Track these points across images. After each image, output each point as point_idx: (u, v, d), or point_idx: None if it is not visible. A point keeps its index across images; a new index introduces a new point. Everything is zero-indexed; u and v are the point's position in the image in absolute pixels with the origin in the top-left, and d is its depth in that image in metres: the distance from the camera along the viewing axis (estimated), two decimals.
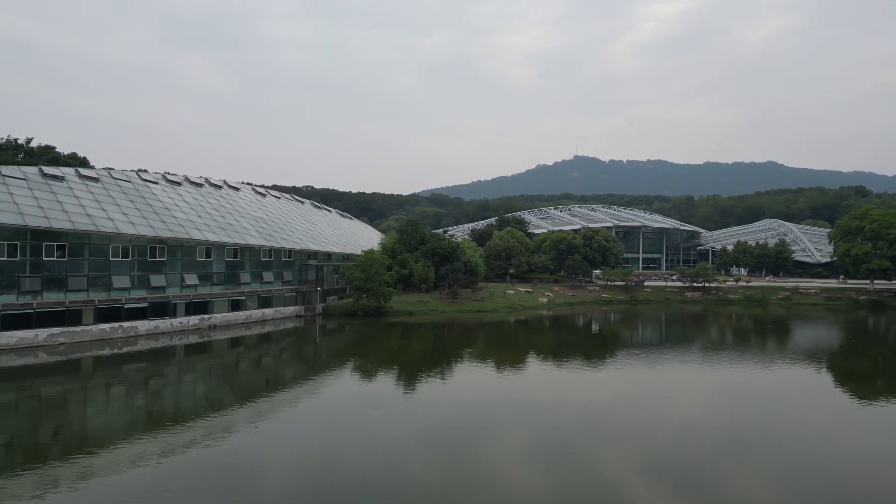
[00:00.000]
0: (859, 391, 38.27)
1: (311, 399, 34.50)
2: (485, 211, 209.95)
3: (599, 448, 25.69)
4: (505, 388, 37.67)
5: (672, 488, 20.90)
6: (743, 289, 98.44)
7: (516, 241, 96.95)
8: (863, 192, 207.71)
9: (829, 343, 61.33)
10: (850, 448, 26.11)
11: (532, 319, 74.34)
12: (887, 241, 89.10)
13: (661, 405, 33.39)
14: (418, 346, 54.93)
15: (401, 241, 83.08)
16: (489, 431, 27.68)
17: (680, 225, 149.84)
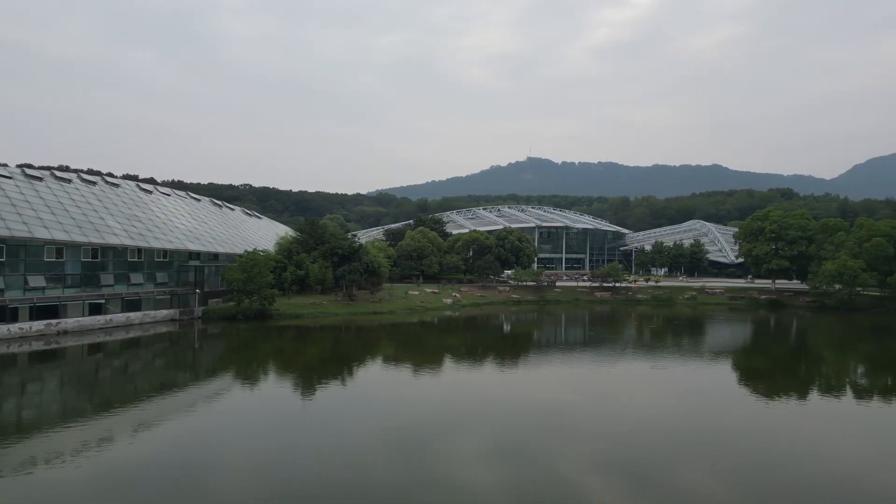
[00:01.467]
0: (772, 389, 39.74)
1: (156, 413, 31.75)
2: (423, 211, 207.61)
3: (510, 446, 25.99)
4: (368, 393, 36.28)
5: (626, 484, 21.74)
6: (652, 289, 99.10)
7: (428, 241, 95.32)
8: (788, 194, 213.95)
9: (725, 342, 62.13)
10: (782, 440, 27.75)
11: (431, 321, 72.84)
12: (786, 242, 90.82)
13: (568, 402, 34.19)
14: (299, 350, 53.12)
15: (298, 240, 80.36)
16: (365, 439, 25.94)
17: (603, 225, 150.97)
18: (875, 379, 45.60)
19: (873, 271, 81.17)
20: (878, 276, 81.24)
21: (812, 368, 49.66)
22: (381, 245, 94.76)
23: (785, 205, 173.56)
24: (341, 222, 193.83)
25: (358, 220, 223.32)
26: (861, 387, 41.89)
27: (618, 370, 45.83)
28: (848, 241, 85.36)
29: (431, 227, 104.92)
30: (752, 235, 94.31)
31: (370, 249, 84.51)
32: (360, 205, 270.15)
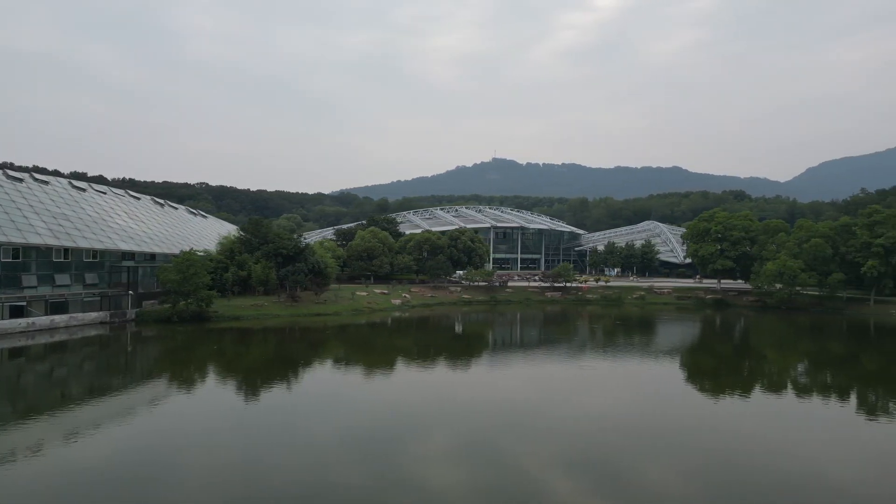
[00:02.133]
0: (720, 387, 40.95)
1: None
2: (384, 211, 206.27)
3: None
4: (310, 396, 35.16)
5: (592, 482, 22.27)
6: (602, 289, 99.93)
7: (378, 241, 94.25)
8: (741, 196, 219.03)
9: (673, 342, 62.98)
10: (732, 435, 28.90)
11: (380, 322, 72.00)
12: (730, 243, 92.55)
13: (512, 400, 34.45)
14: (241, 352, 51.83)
15: (241, 240, 78.43)
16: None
17: (559, 226, 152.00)
18: (814, 376, 47.08)
19: (812, 271, 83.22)
20: (817, 276, 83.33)
21: (756, 366, 50.81)
22: (329, 245, 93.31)
23: (737, 206, 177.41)
24: (298, 222, 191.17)
25: (317, 220, 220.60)
26: (801, 384, 43.30)
27: (571, 370, 46.13)
28: (788, 242, 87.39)
29: (384, 227, 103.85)
30: (699, 236, 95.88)
31: (317, 249, 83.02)
32: (321, 204, 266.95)
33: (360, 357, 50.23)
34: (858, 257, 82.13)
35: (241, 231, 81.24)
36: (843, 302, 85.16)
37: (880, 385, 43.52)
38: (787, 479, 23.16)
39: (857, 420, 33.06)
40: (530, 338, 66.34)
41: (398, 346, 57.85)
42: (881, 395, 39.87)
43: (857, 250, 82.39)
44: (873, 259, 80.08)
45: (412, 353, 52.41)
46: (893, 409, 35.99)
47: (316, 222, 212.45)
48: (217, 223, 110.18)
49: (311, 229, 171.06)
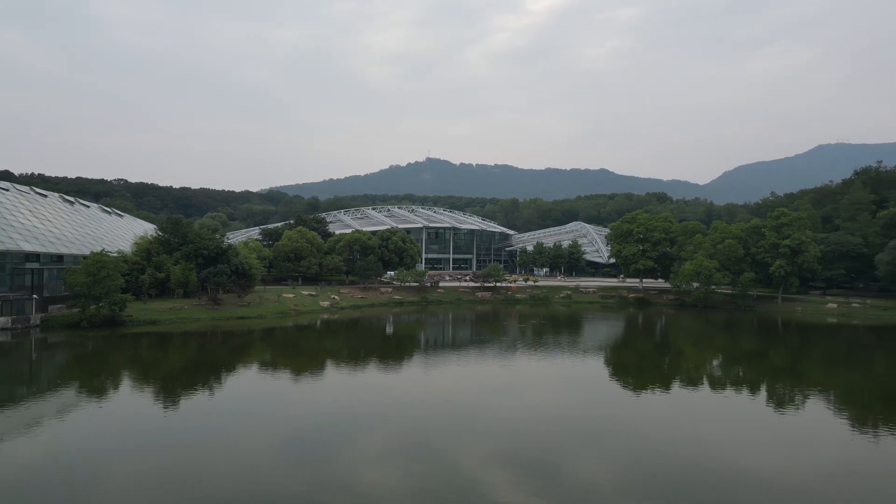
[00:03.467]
0: (642, 381, 43.26)
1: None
2: (314, 210, 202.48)
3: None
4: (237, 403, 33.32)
5: (527, 476, 22.88)
6: (530, 288, 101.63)
7: (306, 241, 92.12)
8: (663, 198, 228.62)
9: (598, 339, 64.35)
10: (656, 427, 30.51)
11: (307, 324, 70.32)
12: (652, 243, 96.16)
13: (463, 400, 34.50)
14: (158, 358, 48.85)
15: (159, 240, 74.74)
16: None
17: (490, 226, 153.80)
18: (728, 371, 49.69)
19: (726, 271, 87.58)
20: (731, 275, 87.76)
21: (675, 363, 53.39)
22: (255, 245, 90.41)
23: (659, 208, 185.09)
24: (224, 221, 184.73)
25: (244, 219, 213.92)
26: (717, 378, 45.79)
27: (503, 368, 46.92)
28: (704, 243, 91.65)
29: (312, 226, 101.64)
30: (622, 237, 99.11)
31: (241, 250, 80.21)
32: (248, 202, 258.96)
33: (287, 361, 48.96)
34: (767, 257, 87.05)
35: (159, 231, 77.41)
36: (754, 300, 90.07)
37: (787, 378, 46.39)
38: (708, 468, 24.58)
39: (767, 411, 35.20)
40: (462, 338, 66.62)
41: (327, 348, 56.80)
42: (788, 388, 42.54)
43: (766, 251, 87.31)
44: (780, 259, 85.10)
45: (342, 356, 51.59)
46: (799, 401, 38.31)
47: (243, 221, 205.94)
48: (134, 222, 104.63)
49: (237, 229, 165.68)
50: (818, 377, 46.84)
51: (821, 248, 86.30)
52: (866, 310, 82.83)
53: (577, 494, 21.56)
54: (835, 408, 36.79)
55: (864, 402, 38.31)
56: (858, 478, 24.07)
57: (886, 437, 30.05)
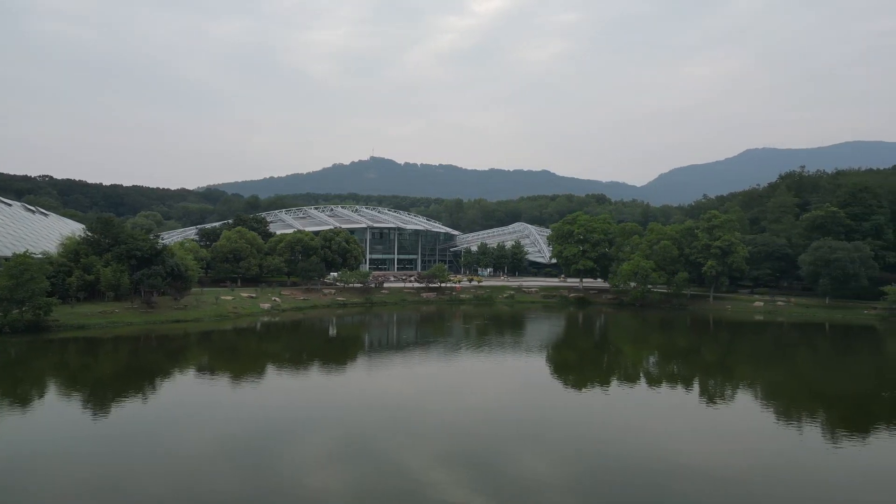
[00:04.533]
0: (582, 378, 44.75)
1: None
2: (254, 209, 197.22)
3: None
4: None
5: (471, 473, 23.30)
6: (474, 288, 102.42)
7: (246, 241, 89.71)
8: (602, 199, 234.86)
9: (540, 338, 65.44)
10: (594, 423, 31.89)
11: (248, 327, 68.55)
12: (591, 244, 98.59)
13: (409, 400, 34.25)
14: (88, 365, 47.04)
15: (88, 241, 71.20)
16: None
17: (435, 227, 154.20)
18: (664, 367, 51.82)
19: (662, 271, 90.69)
20: (666, 275, 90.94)
21: (614, 360, 55.26)
22: (192, 246, 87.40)
23: (599, 209, 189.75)
24: (158, 220, 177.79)
25: (180, 218, 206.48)
26: (653, 374, 47.72)
27: (448, 368, 47.34)
28: (641, 244, 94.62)
29: (252, 226, 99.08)
30: (563, 238, 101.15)
31: (177, 251, 77.34)
32: (185, 201, 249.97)
33: (226, 365, 47.70)
34: (700, 258, 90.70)
35: (88, 231, 73.74)
36: (688, 299, 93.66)
37: (718, 374, 48.59)
38: (646, 459, 25.60)
39: (700, 404, 36.91)
40: (406, 339, 66.71)
41: (268, 351, 55.69)
42: (718, 383, 44.59)
43: (698, 251, 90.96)
44: (712, 259, 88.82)
45: (284, 359, 50.75)
46: (729, 395, 40.23)
47: (179, 221, 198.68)
48: (60, 221, 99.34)
49: (172, 228, 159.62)
50: (746, 372, 49.14)
51: (749, 249, 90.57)
52: (790, 307, 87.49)
53: (522, 490, 21.97)
54: (762, 401, 38.76)
55: (788, 395, 40.47)
56: (784, 467, 25.39)
57: (809, 428, 31.87)
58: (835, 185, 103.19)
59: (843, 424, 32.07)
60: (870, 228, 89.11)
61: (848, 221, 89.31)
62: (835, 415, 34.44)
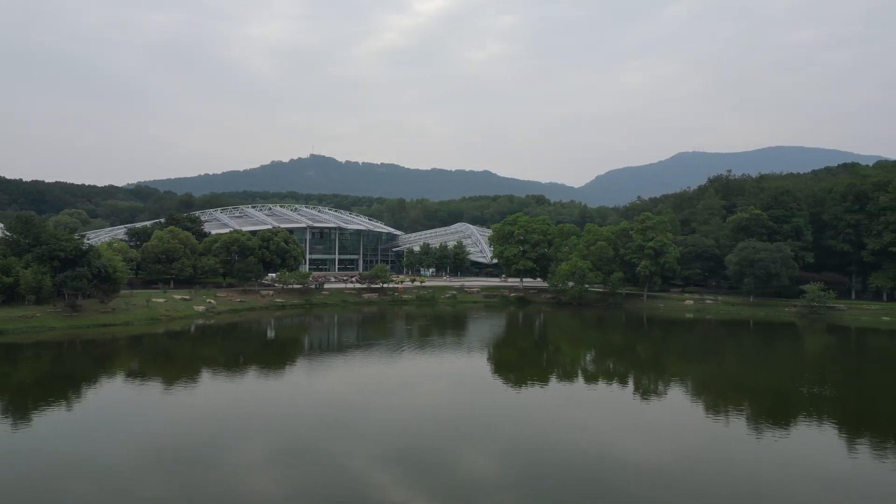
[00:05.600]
0: (522, 376, 45.30)
1: None
2: (188, 207, 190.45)
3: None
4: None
5: (414, 473, 23.41)
6: (417, 289, 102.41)
7: (179, 241, 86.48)
8: (542, 200, 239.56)
9: (481, 337, 65.70)
10: (535, 420, 32.55)
11: (181, 331, 66.21)
12: (531, 245, 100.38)
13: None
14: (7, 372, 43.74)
15: (6, 241, 67.02)
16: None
17: (377, 227, 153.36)
18: (600, 364, 53.66)
19: (598, 270, 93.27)
20: (602, 274, 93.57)
21: (552, 357, 56.61)
22: (120, 246, 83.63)
23: (538, 210, 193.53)
24: (84, 219, 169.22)
25: (108, 217, 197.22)
26: (589, 371, 49.40)
27: (390, 368, 47.15)
28: (579, 245, 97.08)
29: (186, 226, 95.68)
30: (504, 238, 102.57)
31: (104, 251, 73.78)
32: (113, 198, 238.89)
33: (158, 370, 45.97)
34: (634, 258, 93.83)
35: (6, 230, 69.45)
36: (623, 298, 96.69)
37: (651, 370, 50.42)
38: (583, 454, 26.55)
39: (634, 400, 38.29)
40: (348, 340, 66.18)
41: (203, 355, 54.06)
42: (652, 379, 46.31)
43: (633, 252, 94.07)
44: (646, 259, 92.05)
45: (219, 363, 49.36)
46: (661, 390, 41.85)
47: (106, 219, 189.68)
48: None
49: (100, 227, 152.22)
50: (677, 368, 51.25)
51: (680, 250, 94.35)
52: (718, 306, 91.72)
53: (464, 488, 22.25)
54: (692, 395, 40.51)
55: (716, 389, 42.40)
56: (712, 458, 26.72)
57: (735, 420, 33.52)
58: (758, 189, 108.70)
59: (766, 416, 33.90)
60: (790, 230, 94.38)
61: (770, 224, 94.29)
62: (758, 407, 36.32)
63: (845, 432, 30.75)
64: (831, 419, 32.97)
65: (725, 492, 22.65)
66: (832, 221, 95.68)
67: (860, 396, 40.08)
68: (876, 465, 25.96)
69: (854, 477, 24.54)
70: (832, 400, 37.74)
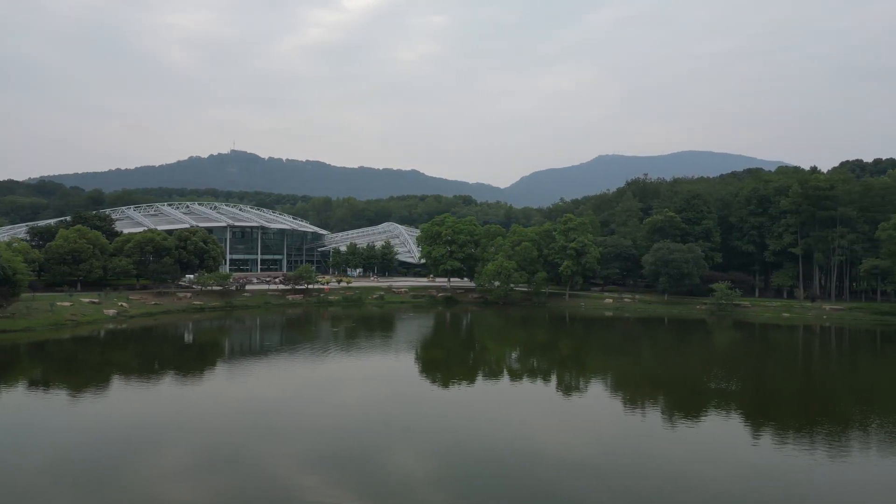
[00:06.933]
0: (449, 375, 45.42)
1: None
2: (98, 204, 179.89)
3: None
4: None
5: (341, 476, 22.77)
6: (343, 290, 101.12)
7: (87, 241, 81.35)
8: (469, 200, 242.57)
9: (409, 337, 66.27)
10: (465, 418, 32.73)
11: (88, 336, 62.20)
12: (458, 245, 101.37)
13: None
14: None
15: None
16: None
17: (302, 226, 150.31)
18: (524, 362, 54.66)
19: (523, 270, 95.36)
20: (527, 274, 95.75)
21: (479, 356, 57.29)
22: (21, 246, 77.63)
23: (465, 210, 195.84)
24: None
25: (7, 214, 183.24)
26: (515, 369, 50.16)
27: (315, 371, 46.39)
28: (504, 245, 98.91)
29: (95, 224, 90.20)
30: (432, 239, 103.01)
31: (2, 252, 68.24)
32: (13, 194, 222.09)
33: (63, 377, 43.14)
34: (557, 258, 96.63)
35: None
36: (546, 297, 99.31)
37: (573, 367, 52.13)
38: (509, 450, 27.00)
39: (557, 396, 39.45)
40: (271, 343, 64.52)
41: (114, 361, 51.16)
42: (574, 375, 47.88)
43: (556, 252, 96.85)
44: (568, 260, 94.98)
45: (132, 368, 46.87)
46: (583, 386, 43.31)
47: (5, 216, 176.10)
48: None
49: None
50: (598, 364, 53.16)
51: (600, 250, 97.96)
52: (635, 304, 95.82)
53: (393, 487, 22.23)
54: (611, 390, 42.14)
55: (634, 384, 44.25)
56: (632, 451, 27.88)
57: (651, 412, 35.18)
58: (672, 192, 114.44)
59: (679, 409, 35.71)
60: (701, 232, 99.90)
61: (683, 225, 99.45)
62: (671, 400, 38.22)
63: (750, 422, 32.85)
64: (737, 410, 35.10)
65: (644, 482, 23.70)
66: (738, 223, 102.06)
67: (763, 389, 42.94)
68: (777, 451, 27.91)
69: (759, 462, 26.28)
70: (738, 392, 40.21)
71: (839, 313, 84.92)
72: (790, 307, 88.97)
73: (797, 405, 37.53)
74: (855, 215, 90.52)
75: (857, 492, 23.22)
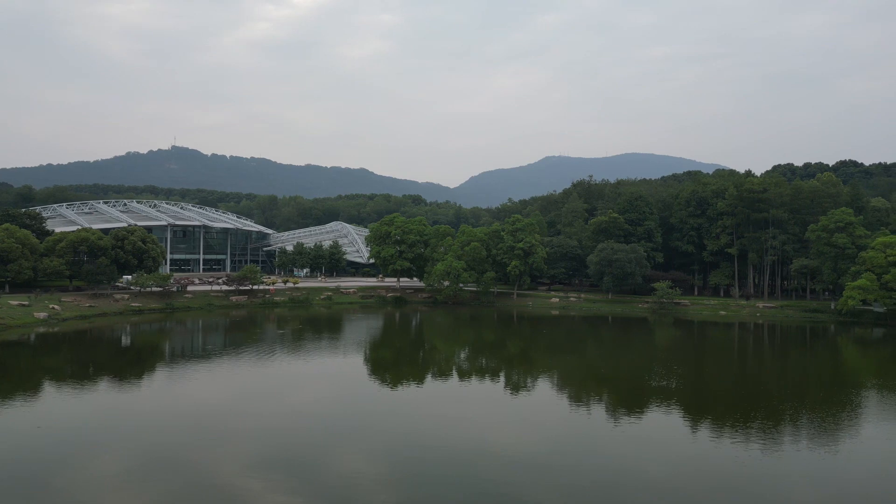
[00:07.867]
0: (399, 375, 46.00)
1: None
2: (27, 201, 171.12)
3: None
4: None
5: (289, 477, 22.57)
6: (290, 290, 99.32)
7: (15, 241, 77.13)
8: (418, 200, 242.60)
9: (357, 337, 66.40)
10: (415, 416, 33.43)
11: (16, 341, 59.10)
12: (408, 245, 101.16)
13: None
14: None
15: None
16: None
17: (247, 225, 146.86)
18: (473, 361, 55.19)
19: (472, 270, 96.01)
20: (476, 274, 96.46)
21: (428, 356, 57.47)
22: None
23: (415, 210, 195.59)
24: None
25: None
26: (463, 368, 50.55)
27: (261, 373, 45.79)
28: (454, 245, 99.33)
29: (24, 223, 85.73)
30: (381, 238, 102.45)
31: None
32: None
33: None
34: (505, 258, 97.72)
35: None
36: (495, 296, 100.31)
37: (521, 364, 52.88)
38: (457, 447, 27.40)
39: (505, 393, 40.06)
40: (214, 345, 62.76)
41: (45, 366, 48.89)
42: (521, 373, 48.64)
43: (504, 252, 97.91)
44: (516, 260, 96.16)
45: (64, 374, 44.94)
46: (530, 383, 43.99)
47: None
48: None
49: None
50: (545, 362, 54.05)
51: (547, 250, 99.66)
52: (581, 303, 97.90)
53: (341, 488, 22.08)
54: (558, 387, 43.00)
55: (579, 381, 45.25)
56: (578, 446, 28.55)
57: (596, 408, 36.10)
58: (616, 194, 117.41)
59: (622, 404, 36.72)
60: (643, 232, 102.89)
61: (626, 226, 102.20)
62: (615, 396, 39.26)
63: (689, 417, 34.08)
64: (677, 405, 36.35)
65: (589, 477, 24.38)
66: (678, 224, 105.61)
67: (701, 384, 44.62)
68: (713, 444, 29.10)
69: (696, 455, 27.33)
70: (678, 388, 41.62)
71: (771, 311, 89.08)
72: (726, 305, 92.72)
73: (733, 400, 39.15)
74: (786, 217, 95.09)
75: (787, 481, 24.46)
